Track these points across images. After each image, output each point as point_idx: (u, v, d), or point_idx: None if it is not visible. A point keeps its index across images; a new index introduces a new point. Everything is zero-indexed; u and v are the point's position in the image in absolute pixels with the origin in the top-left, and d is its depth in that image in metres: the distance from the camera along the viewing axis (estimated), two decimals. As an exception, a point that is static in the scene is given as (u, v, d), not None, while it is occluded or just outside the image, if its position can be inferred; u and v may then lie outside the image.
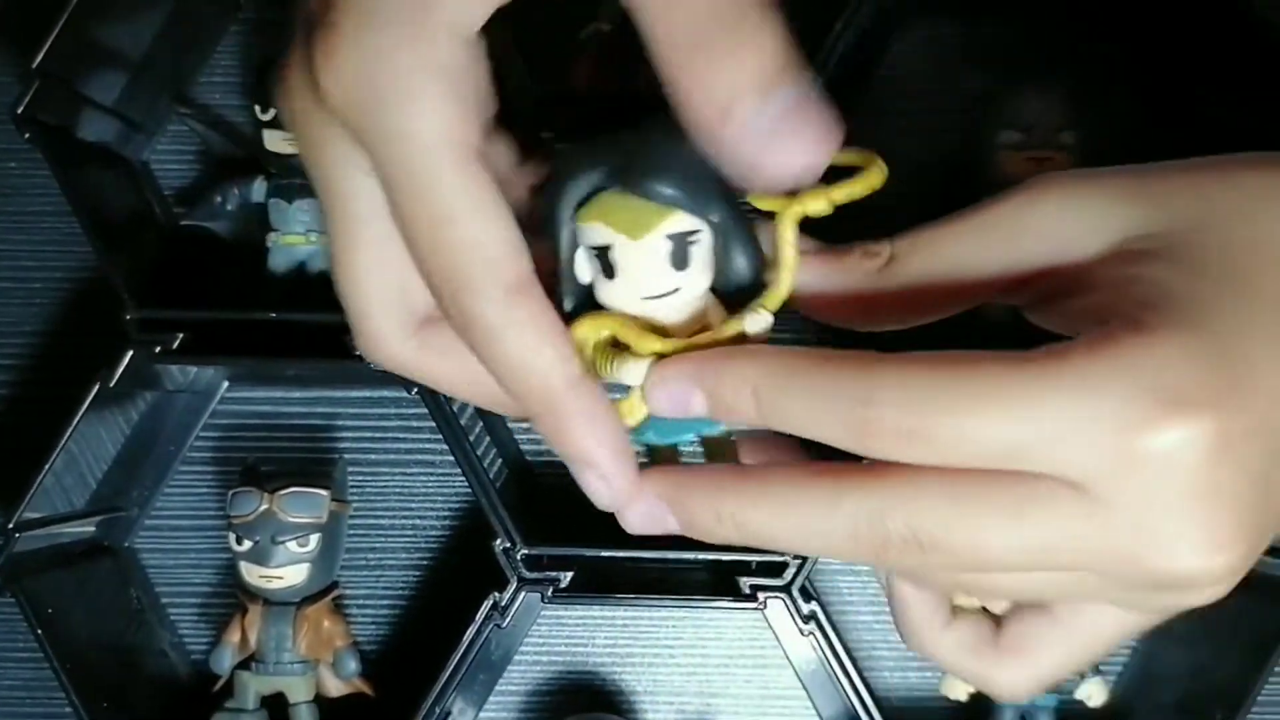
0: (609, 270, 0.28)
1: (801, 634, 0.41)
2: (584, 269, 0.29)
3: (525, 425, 0.48)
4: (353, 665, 0.45)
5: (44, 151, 0.42)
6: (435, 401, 0.42)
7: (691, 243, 0.28)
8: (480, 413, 0.44)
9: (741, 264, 0.29)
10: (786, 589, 0.41)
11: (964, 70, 0.47)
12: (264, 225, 0.46)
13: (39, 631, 0.42)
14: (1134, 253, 0.25)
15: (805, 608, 0.41)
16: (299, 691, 0.44)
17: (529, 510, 0.44)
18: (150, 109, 0.48)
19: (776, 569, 0.41)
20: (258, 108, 0.45)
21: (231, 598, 0.48)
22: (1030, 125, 0.43)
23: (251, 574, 0.43)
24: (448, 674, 0.41)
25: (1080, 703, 0.44)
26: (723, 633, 0.47)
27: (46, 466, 0.42)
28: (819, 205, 0.28)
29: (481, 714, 0.47)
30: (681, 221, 0.28)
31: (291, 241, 0.45)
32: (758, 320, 0.28)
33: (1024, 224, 0.27)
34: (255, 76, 0.46)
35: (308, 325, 0.42)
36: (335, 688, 0.45)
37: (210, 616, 0.48)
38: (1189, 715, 0.43)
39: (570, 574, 0.41)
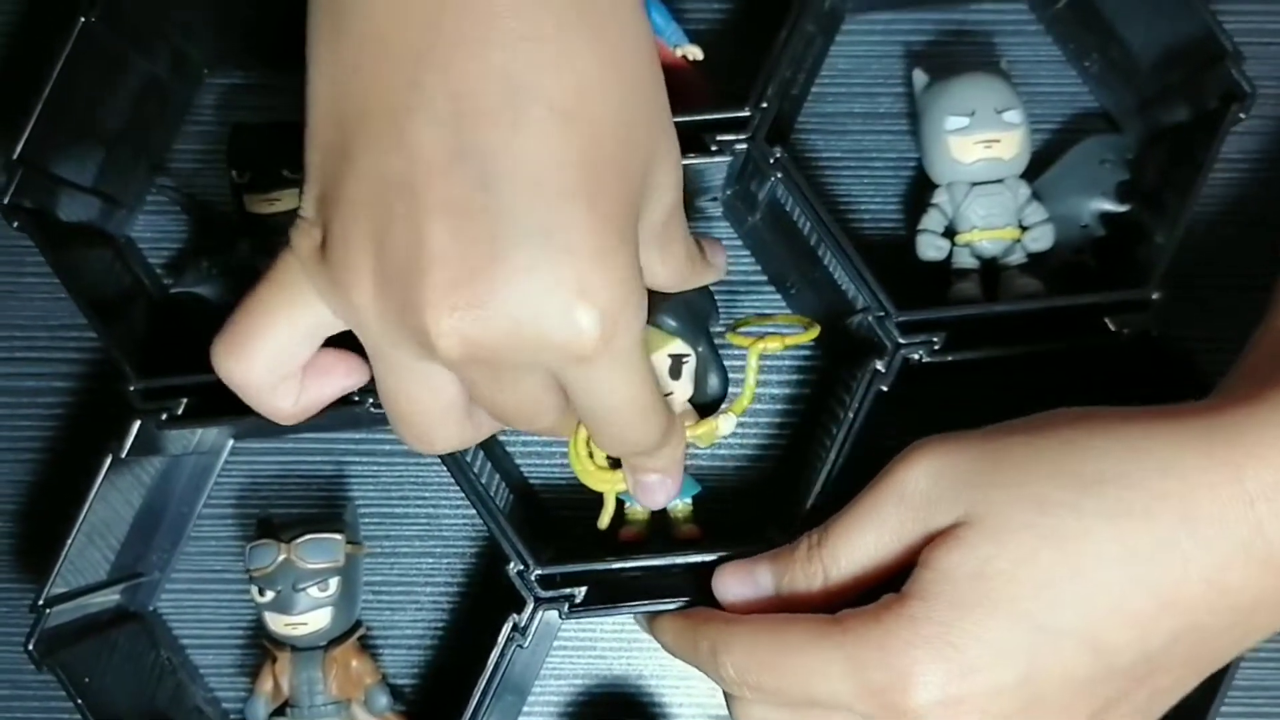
0: None
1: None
2: None
3: (526, 452, 0.49)
4: (384, 700, 0.46)
5: (34, 238, 0.43)
6: (436, 437, 0.43)
7: (684, 362, 0.43)
8: (484, 445, 0.46)
9: (714, 383, 0.44)
10: (792, 579, 0.42)
11: (904, 62, 0.49)
12: (251, 285, 0.47)
13: (79, 702, 0.43)
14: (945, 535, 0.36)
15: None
16: (334, 732, 0.46)
17: (537, 532, 0.46)
18: (127, 184, 0.49)
19: (781, 561, 0.42)
20: (234, 172, 0.46)
21: (258, 648, 0.49)
22: (973, 110, 0.45)
23: (277, 623, 0.45)
24: (477, 697, 0.43)
25: None
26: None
27: (69, 541, 0.43)
28: (774, 346, 0.42)
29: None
30: (679, 347, 0.43)
31: (280, 298, 0.46)
32: (729, 421, 0.43)
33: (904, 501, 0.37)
34: (229, 141, 0.47)
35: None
36: (369, 725, 0.47)
37: (239, 669, 0.50)
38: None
39: (584, 589, 0.43)
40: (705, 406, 0.45)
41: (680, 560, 0.43)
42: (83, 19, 0.43)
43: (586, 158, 0.31)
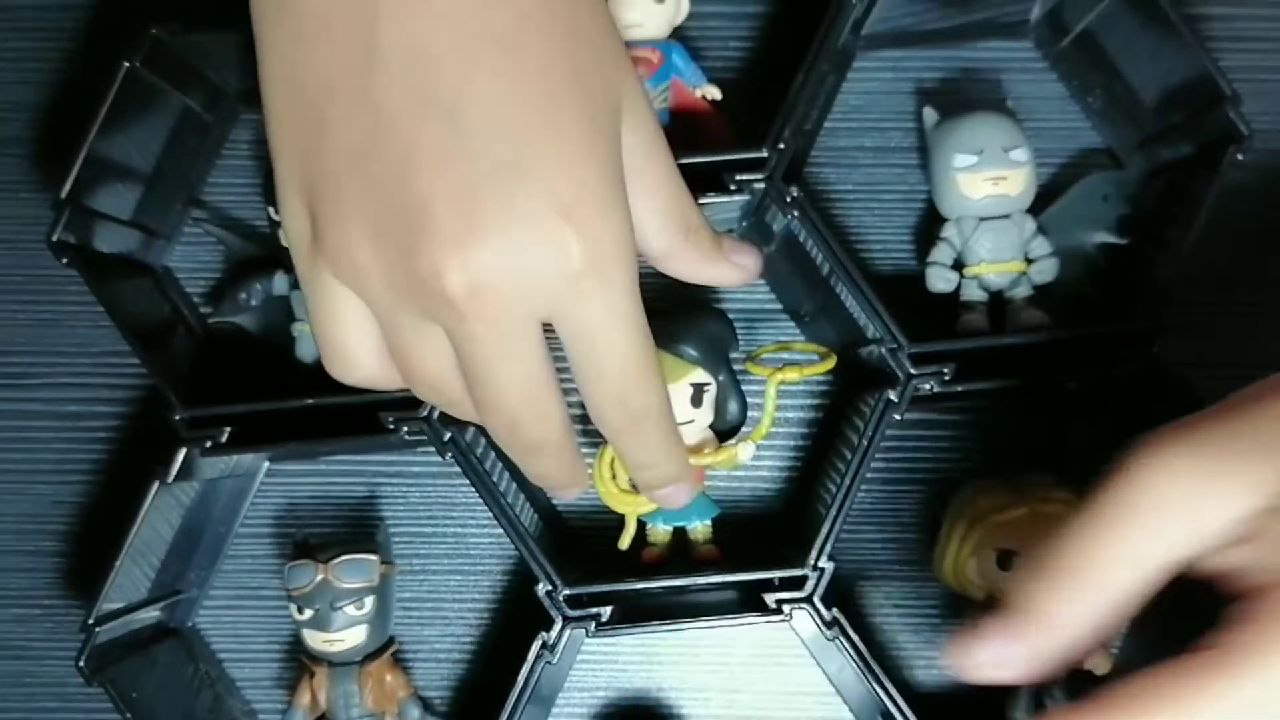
0: None
1: (827, 639, 0.44)
2: None
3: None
4: (416, 713, 0.48)
5: (82, 273, 0.45)
6: (468, 461, 0.45)
7: (705, 390, 0.46)
8: (509, 469, 0.48)
9: (733, 410, 0.47)
10: (809, 599, 0.44)
11: (914, 98, 0.51)
12: (288, 316, 0.49)
13: (127, 716, 0.45)
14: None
15: (828, 615, 0.44)
16: (370, 744, 0.48)
17: (563, 553, 0.48)
18: (165, 216, 0.51)
19: (797, 582, 0.44)
20: (271, 209, 0.48)
21: (293, 661, 0.51)
22: (982, 148, 0.47)
23: (315, 640, 0.47)
24: (507, 712, 0.45)
25: (1089, 672, 0.48)
26: (753, 646, 0.51)
27: (118, 563, 0.45)
28: (793, 377, 0.44)
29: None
30: (700, 375, 0.45)
31: (316, 328, 0.48)
32: (748, 448, 0.45)
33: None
34: (266, 178, 0.49)
35: (341, 407, 0.45)
36: (402, 736, 0.49)
37: (275, 682, 0.52)
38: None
39: (609, 608, 0.45)
40: (725, 433, 0.47)
41: (700, 580, 0.45)
42: (126, 64, 0.45)
43: (540, 87, 0.33)
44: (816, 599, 0.44)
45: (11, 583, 0.52)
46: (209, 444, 0.45)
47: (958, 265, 0.48)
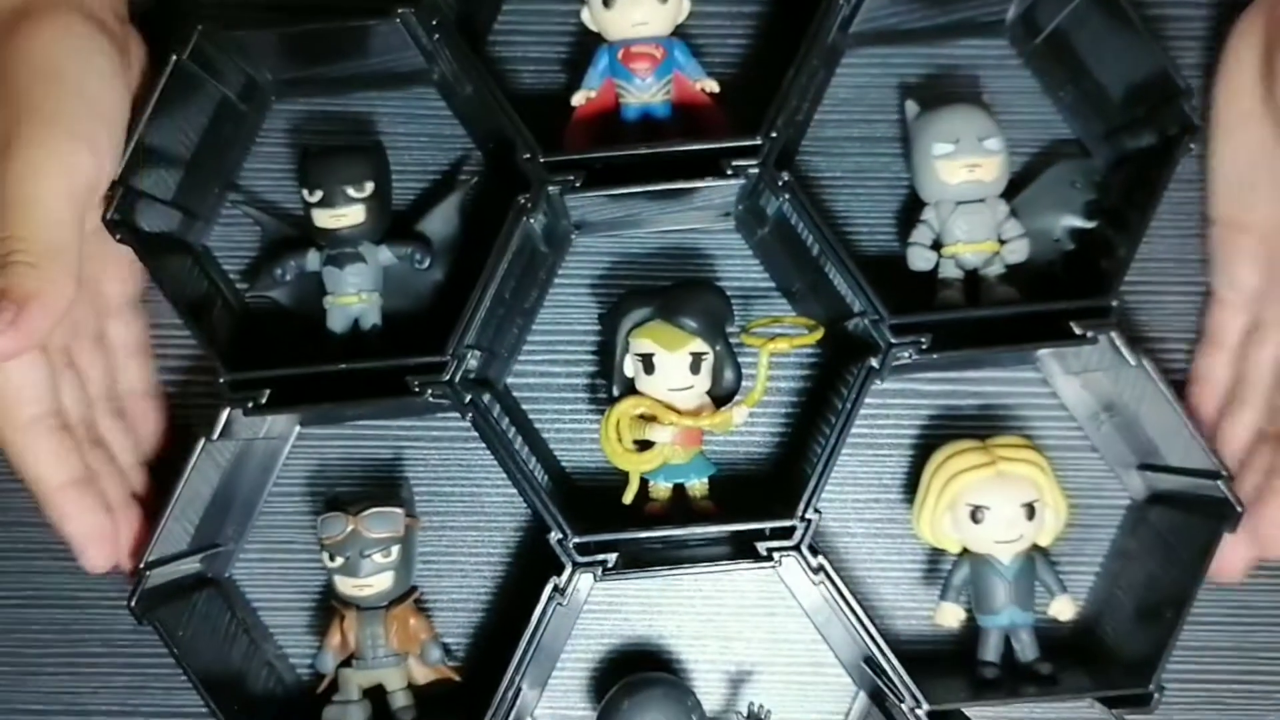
0: (649, 369, 0.49)
1: (813, 584, 0.49)
2: (630, 368, 0.50)
3: (563, 438, 0.56)
4: (437, 653, 0.52)
5: (135, 249, 0.49)
6: (486, 422, 0.49)
7: (703, 359, 0.50)
8: (522, 432, 0.52)
9: (729, 377, 0.51)
10: (797, 547, 0.48)
11: (898, 92, 0.55)
12: (320, 290, 0.53)
13: (175, 651, 0.49)
14: None
15: (814, 562, 0.49)
16: (394, 681, 0.52)
17: (572, 510, 0.52)
18: (204, 199, 0.55)
19: (787, 532, 0.49)
20: (305, 191, 0.52)
21: (321, 611, 0.55)
22: (958, 138, 0.51)
23: (345, 585, 0.51)
24: (521, 649, 0.49)
25: (1054, 620, 0.52)
26: (745, 597, 0.55)
27: (167, 513, 0.49)
28: (783, 347, 0.49)
29: (547, 688, 0.55)
30: (699, 345, 0.50)
31: (345, 302, 0.52)
32: (742, 412, 0.49)
33: None
34: (299, 164, 0.53)
35: (370, 372, 0.49)
36: (423, 675, 0.53)
37: (305, 629, 0.56)
38: (1147, 619, 0.51)
39: (615, 555, 0.49)
40: (721, 398, 0.51)
41: (698, 532, 0.49)
42: (174, 56, 0.49)
43: None
44: (804, 547, 0.48)
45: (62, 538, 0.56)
46: (250, 404, 0.49)
47: (936, 245, 0.52)
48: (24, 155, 0.46)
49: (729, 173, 0.49)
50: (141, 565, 0.49)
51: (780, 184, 0.49)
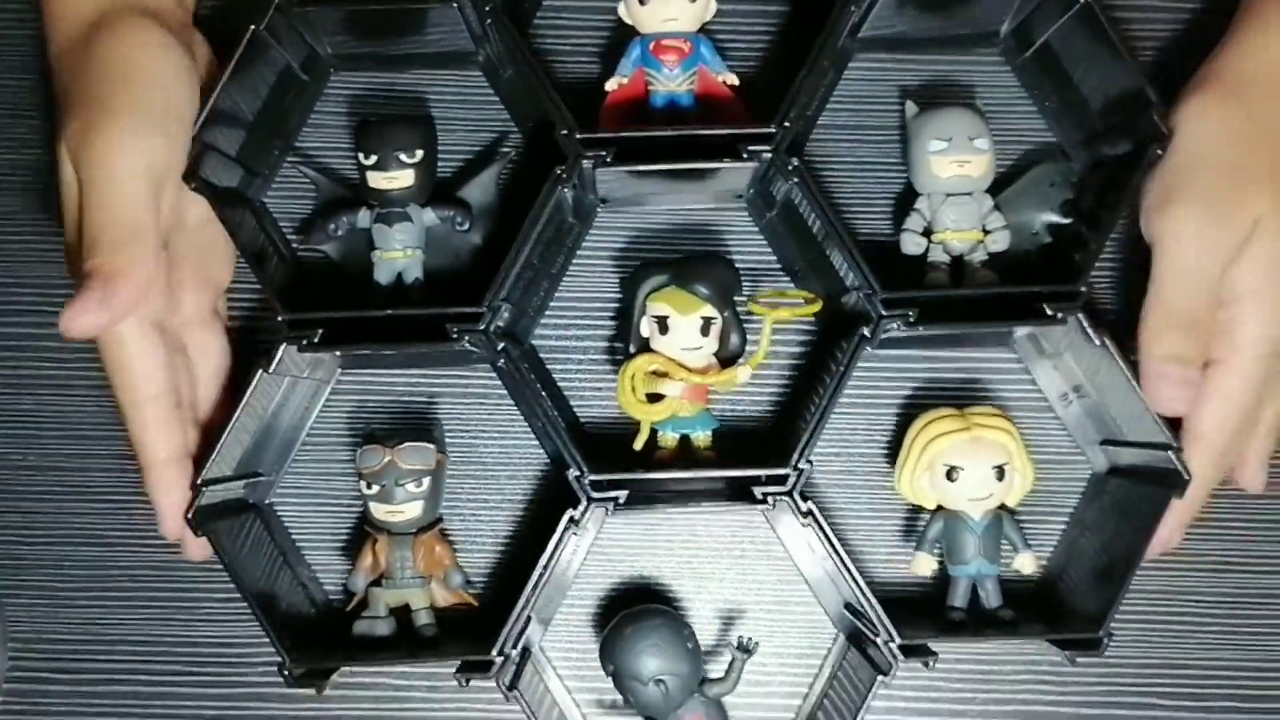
0: (663, 330, 0.55)
1: (801, 527, 0.54)
2: (646, 328, 0.56)
3: (580, 392, 0.61)
4: (458, 579, 0.58)
5: (207, 197, 0.54)
6: (515, 370, 0.55)
7: (712, 323, 0.55)
8: (544, 385, 0.57)
9: (735, 341, 0.57)
10: (789, 493, 0.54)
11: (898, 94, 0.61)
12: (369, 245, 0.58)
13: (227, 562, 0.54)
14: None
15: (804, 506, 0.54)
16: (419, 601, 0.57)
17: (586, 455, 0.57)
18: (264, 158, 0.61)
19: (781, 479, 0.54)
20: (361, 155, 0.57)
21: (352, 538, 0.60)
22: (951, 136, 0.56)
23: (379, 511, 0.56)
24: (536, 574, 0.54)
25: (1017, 572, 0.57)
26: (743, 542, 0.61)
27: (225, 435, 0.54)
28: (785, 316, 0.56)
29: (551, 625, 0.61)
30: (709, 310, 0.55)
31: (392, 257, 0.58)
32: (745, 371, 0.55)
33: None
34: (357, 131, 0.59)
35: (413, 319, 0.55)
36: (444, 598, 0.58)
37: (337, 551, 0.61)
38: (1101, 578, 0.56)
39: (625, 492, 0.54)
40: (727, 360, 0.57)
41: (701, 475, 0.54)
42: (253, 27, 0.55)
43: None
44: (796, 494, 0.54)
45: (92, 481, 0.61)
46: (304, 342, 0.54)
47: (927, 232, 0.58)
48: (104, 139, 0.51)
49: (744, 156, 0.54)
50: (200, 481, 0.54)
51: (790, 168, 0.54)
